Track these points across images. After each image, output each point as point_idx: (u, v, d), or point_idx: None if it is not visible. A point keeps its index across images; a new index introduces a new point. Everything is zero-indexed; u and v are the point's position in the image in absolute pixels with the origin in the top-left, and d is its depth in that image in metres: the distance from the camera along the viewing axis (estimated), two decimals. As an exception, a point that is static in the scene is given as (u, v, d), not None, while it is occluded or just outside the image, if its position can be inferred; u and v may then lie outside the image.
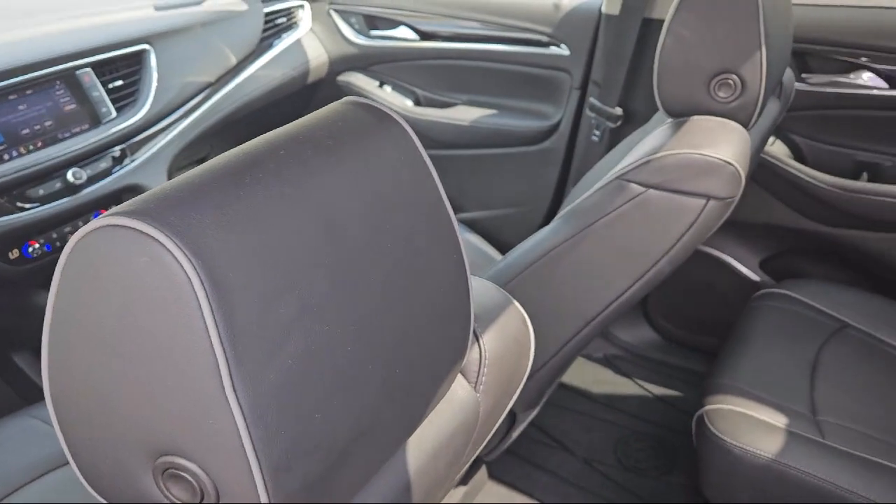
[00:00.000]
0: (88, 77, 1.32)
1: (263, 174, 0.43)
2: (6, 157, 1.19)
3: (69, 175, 1.26)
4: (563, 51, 1.77)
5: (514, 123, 1.87)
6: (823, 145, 1.59)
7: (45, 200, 1.24)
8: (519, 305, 0.73)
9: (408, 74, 2.01)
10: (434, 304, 0.52)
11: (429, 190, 0.53)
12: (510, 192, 1.92)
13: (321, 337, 0.43)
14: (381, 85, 2.06)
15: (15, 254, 1.23)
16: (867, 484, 1.07)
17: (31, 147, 1.23)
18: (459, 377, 0.64)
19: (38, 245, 1.25)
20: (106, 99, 1.35)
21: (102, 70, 1.36)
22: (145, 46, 1.44)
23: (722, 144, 1.01)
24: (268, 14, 1.84)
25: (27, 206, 1.22)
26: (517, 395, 0.73)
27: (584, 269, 1.09)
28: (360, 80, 2.06)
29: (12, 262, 1.23)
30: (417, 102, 2.04)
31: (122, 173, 1.36)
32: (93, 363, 0.40)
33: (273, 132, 0.49)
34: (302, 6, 2.01)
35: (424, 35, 1.97)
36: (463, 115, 1.93)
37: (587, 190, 1.12)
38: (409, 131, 0.54)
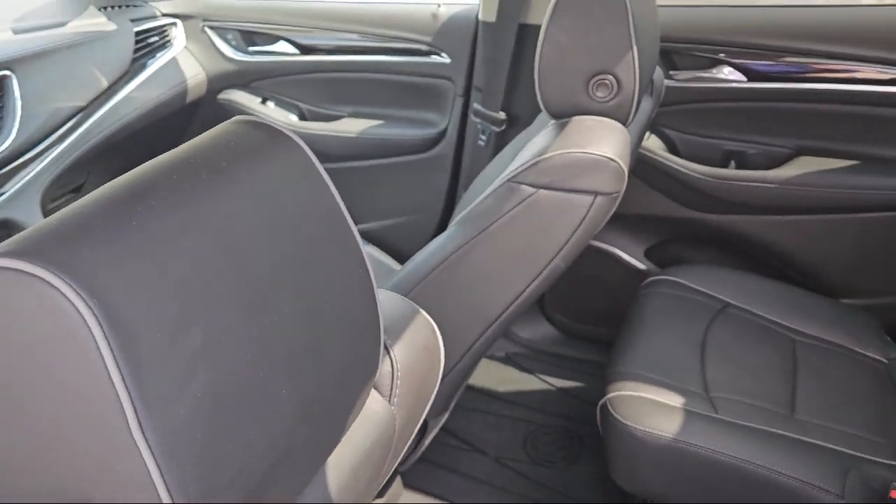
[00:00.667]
0: (-56, 108, 1.23)
1: (156, 201, 0.42)
2: None
3: None
4: (444, 59, 1.80)
5: (401, 133, 1.88)
6: (694, 137, 1.69)
7: None
8: (426, 314, 0.73)
9: (290, 89, 1.98)
10: (344, 321, 0.52)
11: (328, 205, 0.53)
12: (403, 201, 1.93)
13: (230, 365, 0.41)
14: (263, 101, 2.03)
15: None
16: (760, 452, 1.14)
17: None
18: (373, 392, 0.64)
19: None
20: (-35, 130, 1.26)
21: (-41, 100, 1.26)
22: (6, 72, 1.35)
23: (604, 142, 1.05)
24: (138, 33, 1.77)
25: None
26: (430, 404, 0.73)
27: (483, 272, 1.11)
28: (241, 98, 2.01)
29: None
30: (302, 117, 2.01)
31: (-10, 209, 1.27)
32: None
33: (162, 156, 0.47)
34: (174, 24, 1.94)
35: (304, 49, 1.95)
36: (349, 127, 1.93)
37: (478, 194, 1.14)
38: (304, 147, 0.53)
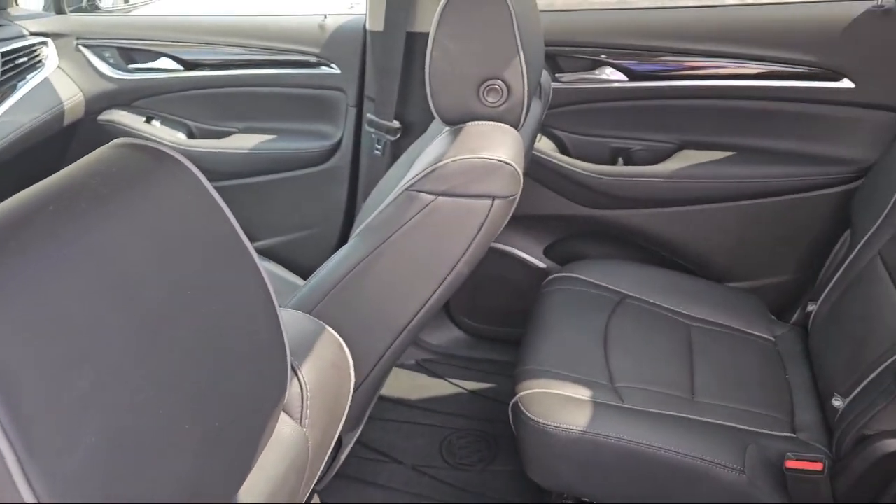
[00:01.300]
0: None
1: (33, 236, 0.39)
2: None
3: None
4: (334, 70, 1.78)
5: (295, 146, 1.85)
6: (583, 137, 1.74)
7: None
8: (332, 330, 0.72)
9: (176, 107, 1.91)
10: (247, 346, 0.50)
11: (221, 226, 0.51)
12: (301, 215, 1.90)
13: (125, 405, 0.39)
14: (148, 120, 1.95)
15: None
16: (664, 436, 1.18)
17: None
18: (283, 415, 0.62)
19: None
20: None
21: None
22: None
23: (498, 146, 1.07)
24: (4, 54, 1.66)
25: None
26: (344, 420, 0.72)
27: (387, 282, 1.11)
28: (124, 118, 1.93)
29: None
30: (191, 135, 1.94)
31: None
32: None
33: (37, 186, 0.44)
34: (45, 43, 1.84)
35: (189, 65, 1.89)
36: (241, 143, 1.88)
37: (378, 204, 1.14)
38: (191, 167, 0.51)
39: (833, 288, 1.40)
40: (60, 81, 1.85)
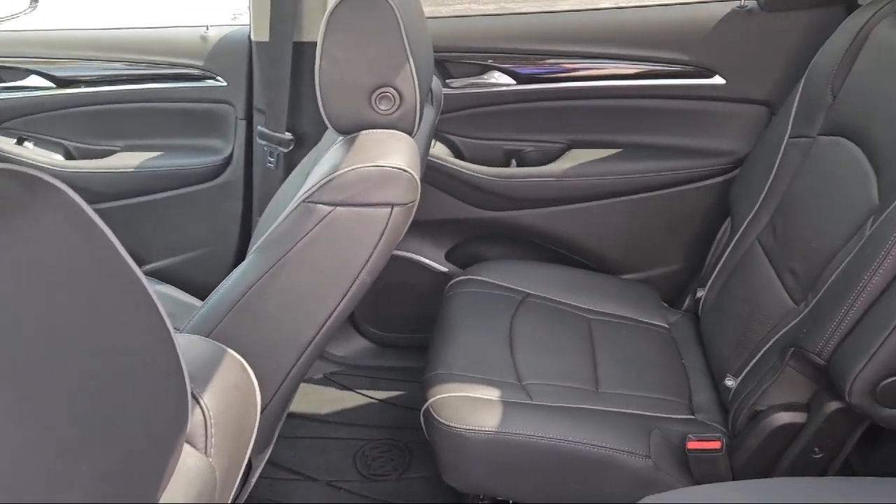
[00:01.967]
0: None
1: None
2: None
3: None
4: (220, 82, 1.73)
5: (184, 162, 1.78)
6: (476, 141, 1.77)
7: None
8: (233, 351, 0.70)
9: (51, 127, 1.81)
10: (141, 378, 0.48)
11: (104, 252, 0.48)
12: (195, 233, 1.83)
13: (11, 453, 0.36)
14: (19, 142, 1.83)
15: None
16: (573, 429, 1.21)
17: None
18: (186, 446, 0.59)
19: None
20: None
21: None
22: None
23: (394, 154, 1.07)
24: None
25: None
26: (252, 443, 0.70)
27: (290, 297, 1.08)
28: (-9, 141, 1.80)
29: None
30: (69, 156, 1.84)
31: None
32: None
33: None
34: None
35: (62, 82, 1.79)
36: (125, 162, 1.79)
37: (275, 218, 1.11)
38: (68, 191, 0.48)
39: (718, 274, 1.48)
40: (-85, 105, 1.71)
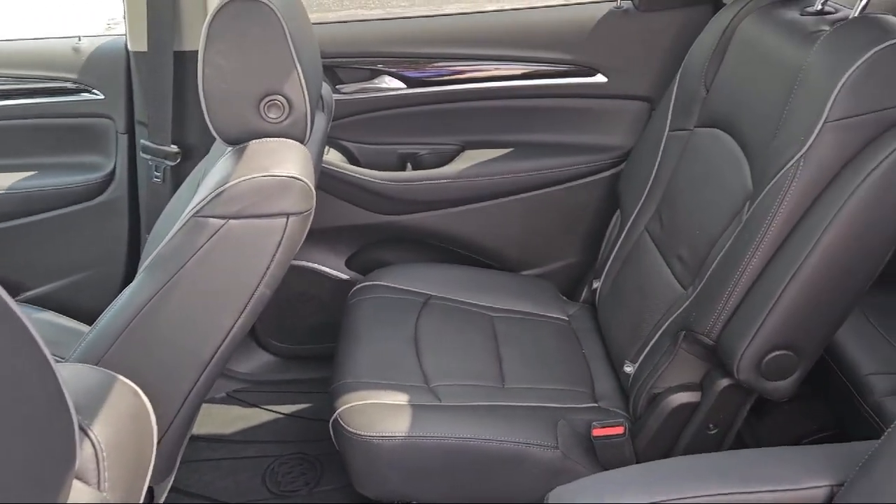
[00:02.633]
0: None
1: None
2: None
3: None
4: (97, 95, 1.65)
5: (62, 181, 1.69)
6: (370, 146, 1.76)
7: None
8: (124, 378, 0.66)
9: None
10: (20, 416, 0.44)
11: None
12: (78, 255, 1.73)
13: None
14: None
15: None
16: (482, 427, 1.23)
17: None
18: (77, 483, 0.56)
19: None
20: None
21: None
22: None
23: (286, 162, 1.05)
24: None
25: None
26: (151, 471, 0.67)
27: (184, 317, 1.04)
28: None
29: None
30: (-72, 179, 1.70)
31: None
32: None
33: None
34: None
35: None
36: (-3, 183, 1.68)
37: (165, 235, 1.07)
38: None
39: (611, 265, 1.53)
40: None
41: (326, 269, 1.82)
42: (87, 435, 0.57)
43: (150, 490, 1.15)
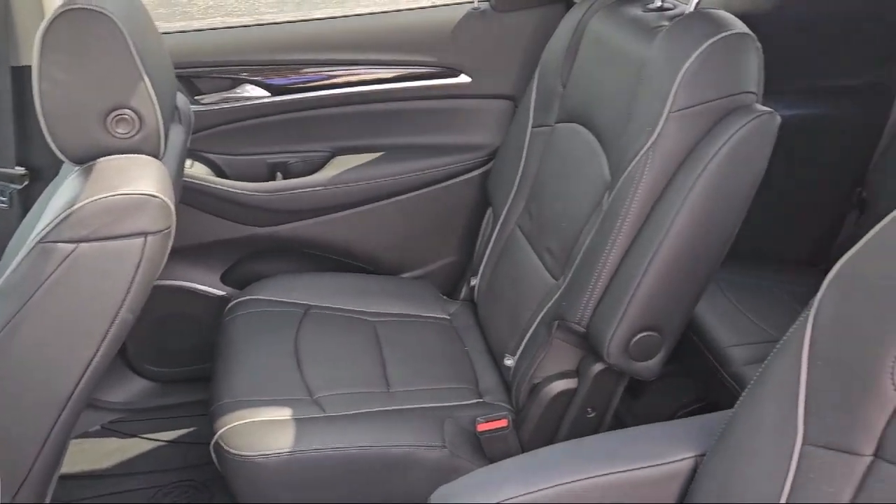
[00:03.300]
0: None
1: None
2: None
3: None
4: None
5: None
6: (237, 157, 1.71)
7: None
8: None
9: None
10: None
11: None
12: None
13: None
14: None
15: None
16: (369, 435, 1.22)
17: None
18: None
19: None
20: None
21: None
22: None
23: (140, 180, 1.00)
24: None
25: None
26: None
27: (39, 349, 0.98)
28: None
29: None
30: None
31: None
32: None
33: None
34: None
35: None
36: None
37: (11, 263, 1.00)
38: None
39: (487, 261, 1.56)
40: None
41: (201, 287, 1.76)
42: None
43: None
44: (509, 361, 1.36)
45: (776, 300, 1.55)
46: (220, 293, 1.76)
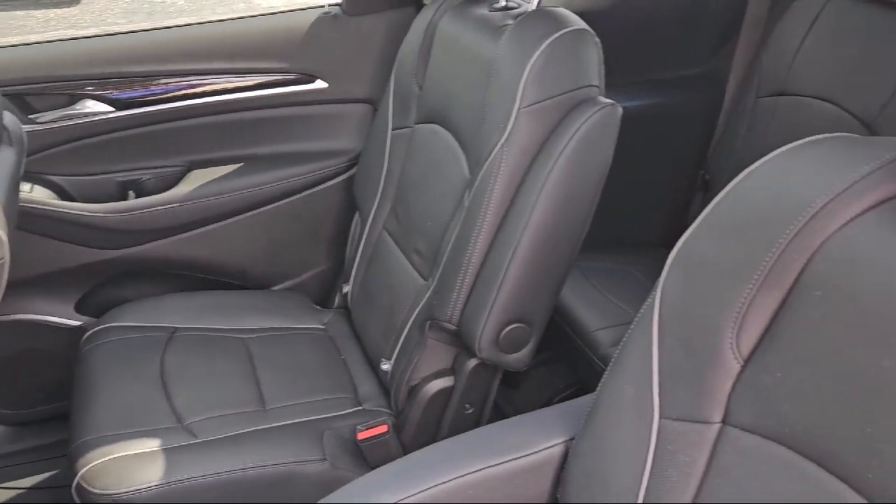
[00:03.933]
0: None
1: None
2: None
3: None
4: None
5: None
6: (82, 177, 1.61)
7: None
8: None
9: None
10: None
11: None
12: None
13: None
14: None
15: None
16: (245, 456, 1.18)
17: None
18: None
19: None
20: None
21: None
22: None
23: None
24: None
25: None
26: None
27: None
28: None
29: None
30: None
31: None
32: None
33: None
34: None
35: None
36: None
37: None
38: None
39: (358, 267, 1.55)
40: None
41: (52, 319, 1.64)
42: None
43: None
44: (386, 366, 1.36)
45: (635, 282, 1.63)
46: (76, 323, 1.65)
